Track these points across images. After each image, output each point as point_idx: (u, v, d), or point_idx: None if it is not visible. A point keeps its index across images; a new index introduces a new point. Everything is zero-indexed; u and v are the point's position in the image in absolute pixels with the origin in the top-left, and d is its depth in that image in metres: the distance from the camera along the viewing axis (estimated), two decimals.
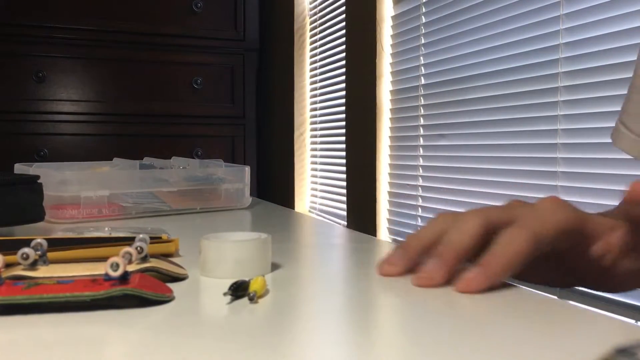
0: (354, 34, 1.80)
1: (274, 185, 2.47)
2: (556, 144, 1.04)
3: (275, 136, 2.46)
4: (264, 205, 0.91)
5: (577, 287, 1.00)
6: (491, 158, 1.21)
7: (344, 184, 1.85)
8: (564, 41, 1.03)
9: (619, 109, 0.95)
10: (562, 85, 1.03)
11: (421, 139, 1.47)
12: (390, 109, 1.62)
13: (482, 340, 0.30)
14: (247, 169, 0.88)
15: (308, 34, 2.24)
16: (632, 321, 0.87)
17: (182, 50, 2.28)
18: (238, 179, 0.87)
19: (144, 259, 0.41)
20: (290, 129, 2.25)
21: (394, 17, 1.61)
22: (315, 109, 2.18)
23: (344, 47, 1.87)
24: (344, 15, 1.88)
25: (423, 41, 1.46)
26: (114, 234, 0.57)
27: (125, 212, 0.77)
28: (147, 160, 0.96)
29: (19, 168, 0.82)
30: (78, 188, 0.74)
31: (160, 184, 0.82)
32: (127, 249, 0.38)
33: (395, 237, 1.59)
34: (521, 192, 1.11)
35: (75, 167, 0.88)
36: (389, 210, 1.63)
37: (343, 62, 1.88)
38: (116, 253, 0.36)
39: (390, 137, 1.62)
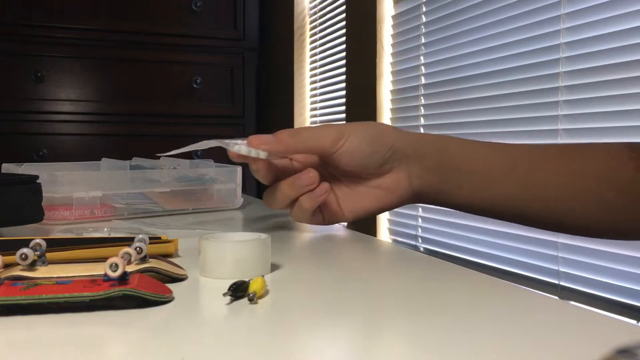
0: (354, 33, 1.80)
1: None
2: (557, 144, 1.04)
3: None
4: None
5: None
6: None
7: None
8: (564, 41, 1.03)
9: (619, 108, 0.94)
10: (563, 85, 1.03)
11: None
12: (391, 109, 1.62)
13: (482, 341, 0.30)
14: (239, 169, 0.86)
15: (308, 33, 2.24)
16: (633, 321, 0.87)
17: (181, 49, 2.27)
18: (230, 179, 0.86)
19: (143, 260, 0.41)
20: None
21: (394, 17, 1.61)
22: (315, 109, 2.18)
23: (344, 47, 1.87)
24: (344, 15, 1.88)
25: (423, 41, 1.46)
26: (113, 235, 0.57)
27: (118, 213, 0.76)
28: (135, 160, 0.94)
29: (7, 168, 0.81)
30: (70, 189, 0.73)
31: (152, 185, 0.81)
32: (126, 249, 0.37)
33: (395, 237, 1.59)
34: None
35: (66, 168, 0.87)
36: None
37: (343, 62, 1.88)
38: (115, 253, 0.36)
39: None
